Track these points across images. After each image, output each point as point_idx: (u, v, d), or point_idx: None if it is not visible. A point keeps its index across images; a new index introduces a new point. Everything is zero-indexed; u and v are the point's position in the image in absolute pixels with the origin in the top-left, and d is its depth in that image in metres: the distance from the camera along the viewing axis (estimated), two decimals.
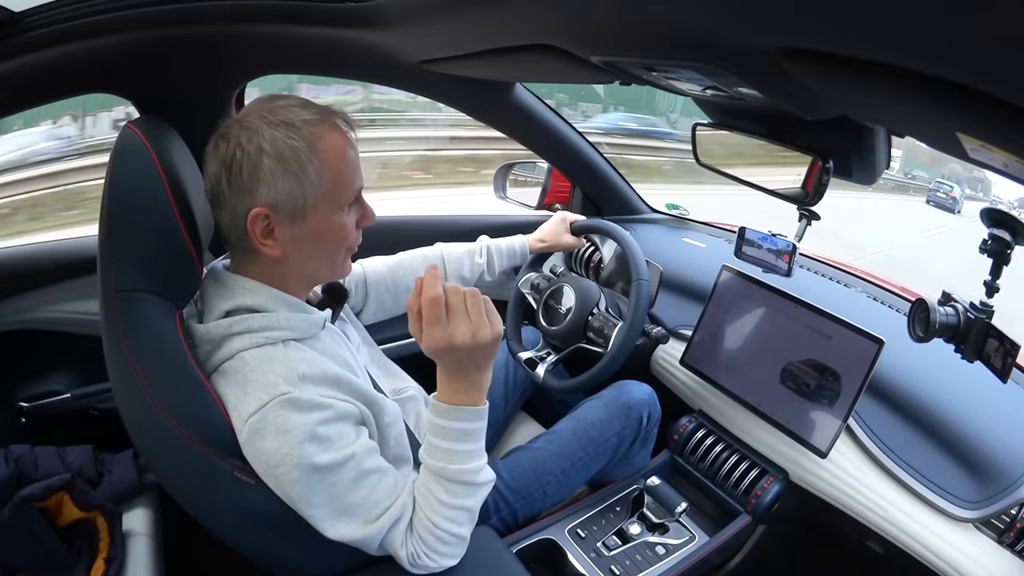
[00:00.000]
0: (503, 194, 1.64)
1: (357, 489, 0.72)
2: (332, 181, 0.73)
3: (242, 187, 0.71)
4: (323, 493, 0.70)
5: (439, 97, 1.31)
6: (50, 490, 0.89)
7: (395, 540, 0.75)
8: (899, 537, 0.90)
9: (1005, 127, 0.39)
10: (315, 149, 0.71)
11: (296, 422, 0.68)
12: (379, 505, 0.74)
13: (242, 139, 0.70)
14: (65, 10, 0.83)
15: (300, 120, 0.71)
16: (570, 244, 1.28)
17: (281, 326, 0.74)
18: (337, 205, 0.75)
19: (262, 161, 0.70)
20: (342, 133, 0.75)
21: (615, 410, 1.14)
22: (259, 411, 0.68)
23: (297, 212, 0.72)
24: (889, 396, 1.03)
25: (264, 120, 0.71)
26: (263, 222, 0.72)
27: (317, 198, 0.72)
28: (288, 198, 0.71)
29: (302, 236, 0.74)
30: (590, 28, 0.65)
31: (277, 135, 0.70)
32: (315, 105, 0.74)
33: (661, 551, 1.02)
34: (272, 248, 0.73)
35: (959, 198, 9.19)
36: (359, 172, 0.77)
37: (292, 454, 0.68)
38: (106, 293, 0.73)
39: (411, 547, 0.76)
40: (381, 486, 0.74)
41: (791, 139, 0.91)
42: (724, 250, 1.38)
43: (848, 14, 0.37)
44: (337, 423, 0.71)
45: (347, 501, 0.72)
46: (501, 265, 1.21)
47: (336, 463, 0.70)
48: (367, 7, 0.82)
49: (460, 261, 1.17)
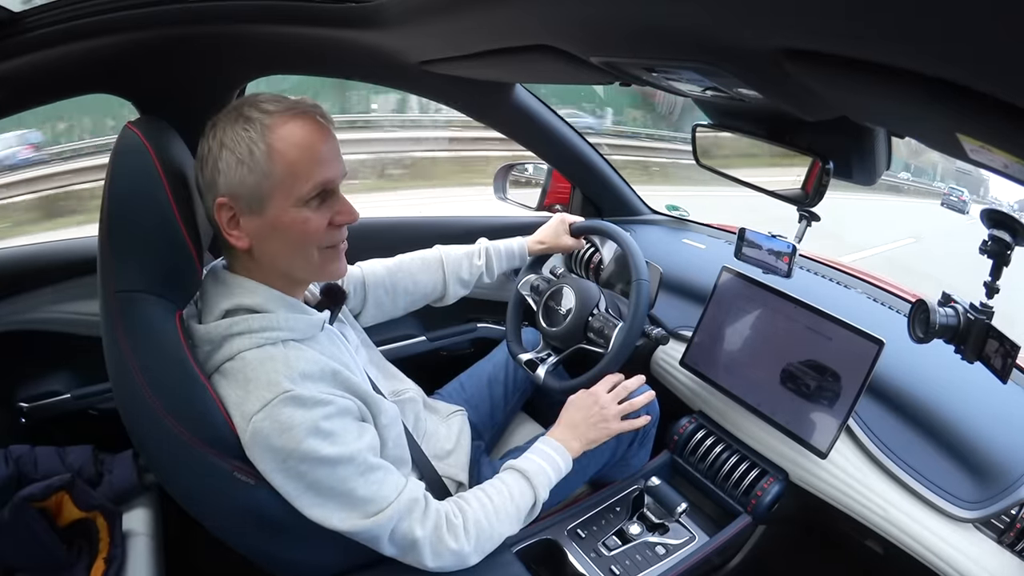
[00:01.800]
0: (503, 195, 1.64)
1: (366, 484, 0.74)
2: (287, 172, 0.72)
3: (207, 180, 0.74)
4: (331, 486, 0.72)
5: (439, 98, 1.31)
6: (50, 490, 0.89)
7: (412, 525, 0.77)
8: (899, 537, 0.90)
9: (1005, 128, 0.39)
10: (266, 140, 0.71)
11: (300, 418, 0.69)
12: (386, 499, 0.75)
13: (209, 136, 0.74)
14: (64, 10, 0.83)
15: (259, 112, 0.72)
16: (569, 245, 1.28)
17: (281, 326, 0.74)
18: (296, 197, 0.73)
19: (221, 154, 0.72)
20: (306, 123, 0.73)
21: None
22: (263, 409, 0.69)
23: (254, 203, 0.73)
24: (889, 397, 1.03)
25: (228, 115, 0.74)
26: (228, 212, 0.74)
27: (271, 189, 0.72)
28: (242, 188, 0.72)
29: (265, 228, 0.74)
30: (589, 29, 0.65)
31: (235, 129, 0.72)
32: (286, 99, 0.74)
33: (661, 551, 1.02)
34: (239, 239, 0.75)
35: (968, 200, 10.56)
36: (326, 165, 0.74)
37: (298, 449, 0.69)
38: (106, 293, 0.73)
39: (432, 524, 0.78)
40: (388, 480, 0.76)
41: (791, 140, 0.91)
42: (724, 251, 1.38)
43: (848, 15, 0.37)
44: (339, 418, 0.73)
45: (357, 495, 0.73)
46: (500, 267, 1.21)
47: (343, 457, 0.72)
48: (367, 8, 0.82)
49: (459, 263, 1.17)
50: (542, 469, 0.91)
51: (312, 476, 0.71)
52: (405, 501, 0.76)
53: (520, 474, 0.90)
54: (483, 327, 1.63)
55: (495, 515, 0.84)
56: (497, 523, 0.84)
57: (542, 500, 0.90)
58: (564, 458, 0.95)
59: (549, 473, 0.92)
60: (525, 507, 0.88)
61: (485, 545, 0.84)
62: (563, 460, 0.94)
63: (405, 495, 0.77)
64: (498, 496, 0.86)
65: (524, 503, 0.88)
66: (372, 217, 1.45)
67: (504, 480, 0.89)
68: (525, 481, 0.89)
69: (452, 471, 1.02)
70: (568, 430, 0.99)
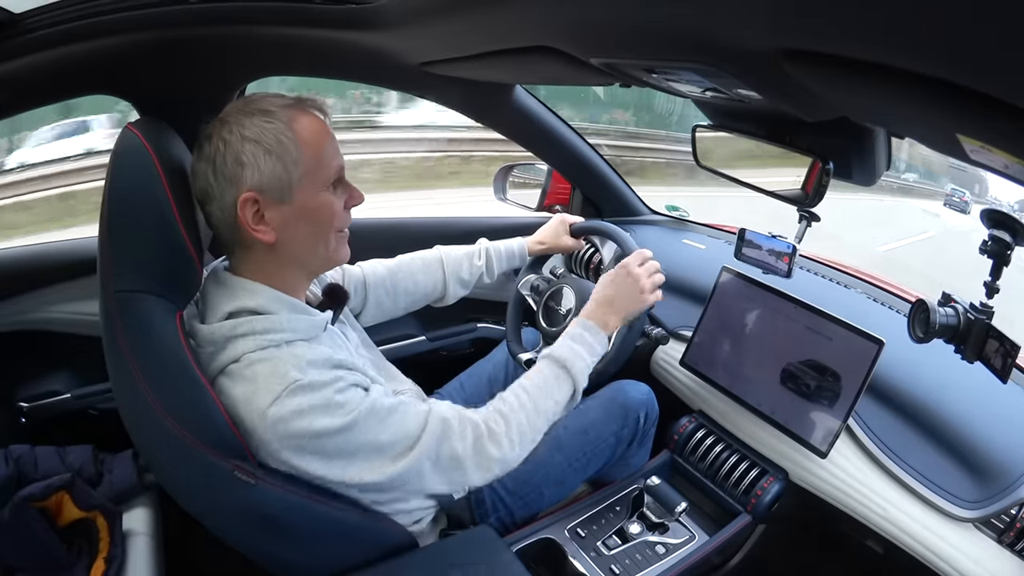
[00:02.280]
0: (503, 196, 1.64)
1: (388, 429, 0.76)
2: (313, 158, 0.75)
3: (228, 176, 0.73)
4: (356, 447, 0.74)
5: (440, 99, 1.32)
6: (50, 490, 0.89)
7: (452, 445, 0.79)
8: (899, 537, 0.90)
9: (1005, 128, 0.39)
10: (293, 129, 0.74)
11: (313, 400, 0.71)
12: (413, 434, 0.77)
13: (223, 133, 0.73)
14: (65, 12, 0.83)
15: (275, 106, 0.74)
16: (569, 246, 1.28)
17: (284, 328, 0.75)
18: (321, 182, 0.77)
19: (244, 147, 0.72)
20: (316, 117, 0.78)
21: (613, 410, 1.14)
22: (275, 402, 0.70)
23: (284, 191, 0.74)
24: (889, 397, 1.03)
25: (241, 112, 0.74)
26: (253, 207, 0.74)
27: (301, 176, 0.75)
28: (273, 179, 0.73)
29: (292, 216, 0.76)
30: (589, 30, 0.65)
31: (256, 121, 0.73)
32: (287, 95, 0.78)
33: (661, 550, 1.02)
34: (265, 233, 0.75)
35: (969, 201, 11.03)
36: (338, 153, 0.79)
37: (315, 427, 0.71)
38: (106, 294, 0.73)
39: (472, 437, 0.81)
40: (409, 415, 0.78)
41: (791, 141, 0.91)
42: (724, 251, 1.38)
43: (848, 15, 0.37)
44: (349, 390, 0.75)
45: (382, 442, 0.75)
46: (500, 267, 1.21)
47: (359, 417, 0.74)
48: (368, 9, 0.82)
49: (459, 263, 1.18)
50: (578, 354, 0.92)
51: (333, 445, 0.73)
52: (435, 426, 0.78)
53: (558, 365, 0.91)
54: (483, 327, 1.63)
55: (535, 414, 0.86)
56: (539, 421, 0.87)
57: (581, 388, 0.92)
58: (599, 339, 0.96)
59: (586, 358, 0.93)
60: (564, 399, 0.90)
61: (528, 446, 0.86)
62: (598, 342, 0.95)
63: (433, 421, 0.79)
64: (537, 392, 0.88)
65: (563, 396, 0.90)
66: (372, 217, 1.45)
67: (543, 372, 0.91)
68: (564, 372, 0.91)
69: None
70: (604, 307, 0.99)
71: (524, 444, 0.85)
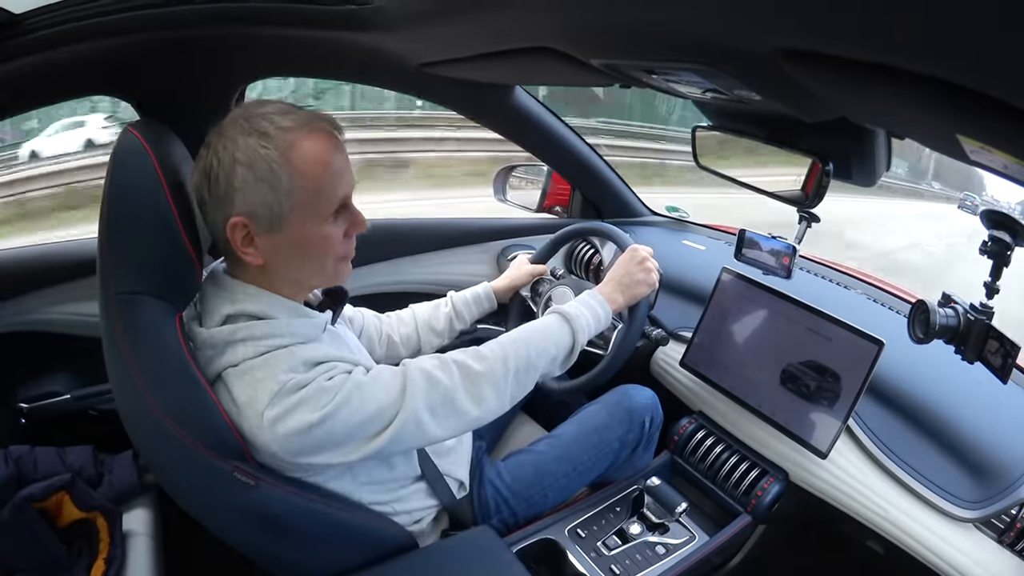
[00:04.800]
0: (503, 197, 1.64)
1: (373, 396, 0.75)
2: (310, 189, 0.72)
3: (219, 196, 0.71)
4: (348, 429, 0.73)
5: (439, 100, 1.31)
6: (50, 490, 0.89)
7: (438, 386, 0.79)
8: (899, 537, 0.90)
9: (1005, 128, 0.39)
10: (287, 158, 0.70)
11: (305, 394, 0.71)
12: (395, 399, 0.76)
13: (218, 148, 0.71)
14: (66, 12, 0.83)
15: (275, 128, 0.70)
16: (535, 271, 1.27)
17: (283, 332, 0.74)
18: (318, 215, 0.73)
19: (235, 170, 0.70)
20: (324, 139, 0.73)
21: (618, 415, 1.14)
22: (272, 404, 0.70)
23: (274, 221, 0.72)
24: (889, 397, 1.03)
25: (239, 129, 0.71)
26: (242, 231, 0.72)
27: (293, 207, 0.71)
28: (263, 208, 0.71)
29: (282, 245, 0.73)
30: (589, 31, 0.65)
31: (250, 143, 0.70)
32: (297, 111, 0.74)
33: (661, 551, 1.02)
34: (253, 257, 0.73)
35: (980, 204, 11.61)
36: (344, 180, 0.75)
37: (312, 417, 0.71)
38: (106, 295, 0.73)
39: (457, 369, 0.81)
40: (382, 381, 0.77)
41: (791, 141, 0.91)
42: (724, 252, 1.38)
43: (849, 16, 0.37)
44: (337, 376, 0.74)
45: (371, 411, 0.74)
46: (470, 312, 1.19)
47: (346, 395, 0.73)
48: (368, 10, 0.82)
49: (427, 313, 1.17)
50: (583, 314, 0.94)
51: (330, 429, 0.72)
52: (416, 382, 0.77)
53: (562, 316, 0.93)
54: (483, 327, 1.62)
55: (528, 346, 0.87)
56: (535, 356, 0.87)
57: (580, 345, 0.93)
58: (604, 309, 0.98)
59: (590, 320, 0.95)
60: (562, 348, 0.91)
61: (522, 378, 0.85)
62: (603, 311, 0.98)
63: (412, 375, 0.78)
64: (537, 333, 0.90)
65: (562, 344, 0.91)
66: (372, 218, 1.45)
67: (546, 319, 0.94)
68: (566, 324, 0.92)
69: (453, 468, 1.01)
70: (615, 285, 1.03)
71: (519, 373, 0.84)
